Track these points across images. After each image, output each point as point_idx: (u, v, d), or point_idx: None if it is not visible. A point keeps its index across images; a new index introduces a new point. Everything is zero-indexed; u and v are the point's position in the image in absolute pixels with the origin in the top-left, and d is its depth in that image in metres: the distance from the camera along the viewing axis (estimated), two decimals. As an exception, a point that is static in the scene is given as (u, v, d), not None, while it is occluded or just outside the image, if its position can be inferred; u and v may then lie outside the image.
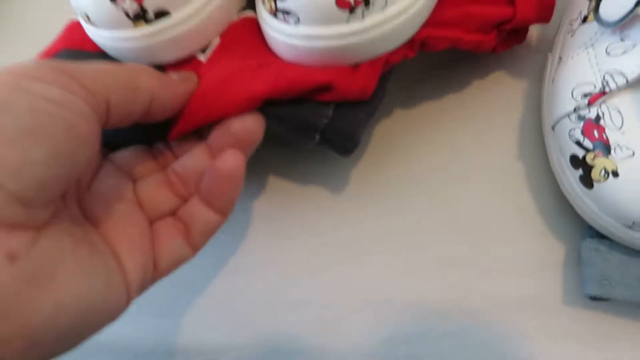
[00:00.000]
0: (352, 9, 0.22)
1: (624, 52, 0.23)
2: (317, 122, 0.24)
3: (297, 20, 0.22)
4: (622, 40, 0.23)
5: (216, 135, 0.24)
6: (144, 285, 0.22)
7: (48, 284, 0.17)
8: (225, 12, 0.26)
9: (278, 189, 0.31)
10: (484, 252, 0.28)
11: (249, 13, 0.26)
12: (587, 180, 0.24)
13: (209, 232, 0.24)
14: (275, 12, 0.23)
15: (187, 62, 0.26)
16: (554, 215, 0.28)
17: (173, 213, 0.24)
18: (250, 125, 0.23)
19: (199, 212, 0.23)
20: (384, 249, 0.29)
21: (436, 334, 0.27)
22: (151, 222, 0.24)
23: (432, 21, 0.25)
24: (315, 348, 0.28)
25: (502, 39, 0.27)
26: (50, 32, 0.29)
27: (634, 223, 0.23)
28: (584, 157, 0.24)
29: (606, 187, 0.23)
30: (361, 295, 0.29)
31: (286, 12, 0.23)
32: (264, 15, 0.24)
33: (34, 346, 0.16)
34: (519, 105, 0.30)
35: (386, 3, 0.22)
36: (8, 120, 0.16)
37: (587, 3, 0.25)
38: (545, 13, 0.27)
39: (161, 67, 0.26)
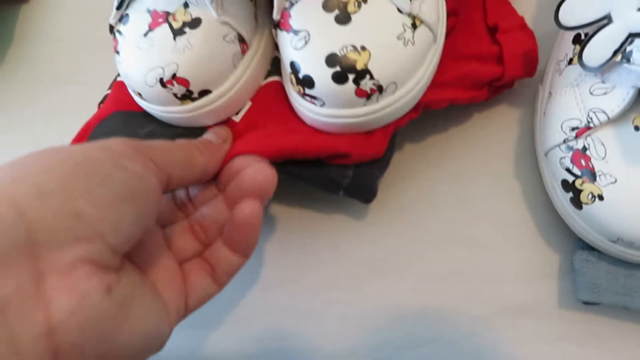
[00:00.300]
0: (368, 97, 0.26)
1: (605, 93, 0.27)
2: (341, 181, 0.28)
3: (323, 104, 0.26)
4: (603, 82, 0.27)
5: (232, 187, 0.27)
6: (178, 321, 0.25)
7: (128, 313, 0.21)
8: (255, 81, 0.30)
9: (304, 215, 0.34)
10: (486, 265, 0.32)
11: (275, 77, 0.30)
12: (576, 202, 0.28)
13: (233, 271, 0.27)
14: (303, 95, 0.27)
15: (223, 122, 0.29)
16: (549, 230, 0.32)
17: (197, 256, 0.27)
18: (264, 177, 0.26)
19: (223, 254, 0.26)
20: (398, 263, 0.33)
21: (445, 340, 0.31)
22: (180, 263, 0.27)
23: (432, 83, 0.28)
24: (333, 354, 0.32)
25: (492, 90, 0.31)
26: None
27: (618, 239, 0.27)
28: (574, 182, 0.28)
29: (593, 209, 0.27)
30: (376, 305, 0.32)
31: (313, 97, 0.26)
32: (292, 93, 0.28)
33: None
34: (515, 132, 0.34)
35: (396, 87, 0.26)
36: (110, 189, 0.20)
37: (572, 47, 0.29)
38: (530, 69, 0.31)
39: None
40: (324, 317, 0.33)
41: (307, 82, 0.26)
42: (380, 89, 0.26)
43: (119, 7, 0.29)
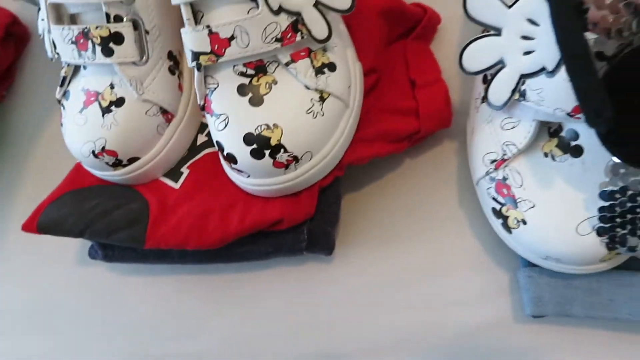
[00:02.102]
0: (286, 167, 0.29)
1: (513, 127, 0.30)
2: (300, 246, 0.32)
3: (248, 175, 0.30)
4: (510, 117, 0.30)
5: None
6: None
7: None
8: (184, 142, 0.34)
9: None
10: (445, 290, 0.35)
11: (210, 150, 0.33)
12: (506, 227, 0.30)
13: None
14: (231, 167, 0.30)
15: (163, 187, 0.33)
16: (496, 251, 0.34)
17: None
18: None
19: None
20: (362, 299, 0.35)
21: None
22: None
23: (354, 140, 0.31)
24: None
25: (413, 141, 0.34)
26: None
27: (547, 256, 0.29)
28: (500, 210, 0.30)
29: (520, 233, 0.30)
30: (342, 339, 0.35)
31: (239, 170, 0.30)
32: (224, 165, 0.31)
33: None
34: (454, 162, 0.37)
35: (312, 155, 0.29)
36: None
37: (482, 87, 0.32)
38: (445, 122, 0.34)
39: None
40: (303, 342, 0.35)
41: (231, 159, 0.29)
42: (295, 158, 0.29)
43: (62, 85, 0.34)
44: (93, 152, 0.31)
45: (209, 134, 0.34)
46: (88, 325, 0.38)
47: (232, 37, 0.28)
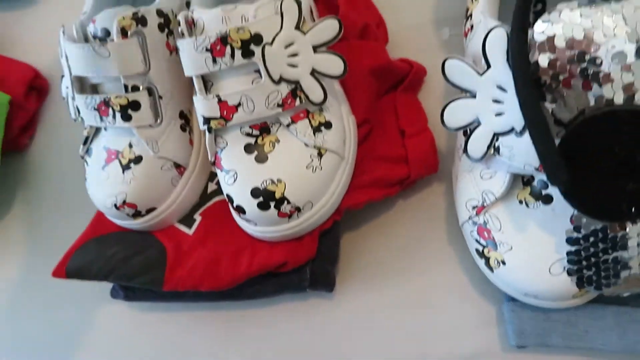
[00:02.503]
0: (290, 216, 0.32)
1: (491, 177, 0.33)
2: (303, 284, 0.35)
3: (255, 224, 0.33)
4: (488, 168, 0.33)
5: None
6: None
7: None
8: (195, 191, 0.37)
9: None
10: (436, 323, 0.38)
11: (220, 197, 0.37)
12: (489, 266, 0.34)
13: None
14: (240, 217, 0.34)
15: (178, 233, 0.36)
16: (483, 286, 0.37)
17: None
18: None
19: None
20: (366, 325, 0.38)
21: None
22: None
23: (350, 187, 0.35)
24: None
25: (404, 186, 0.37)
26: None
27: (526, 293, 0.33)
28: (483, 251, 0.34)
29: (500, 272, 0.33)
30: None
31: (247, 219, 0.33)
32: (234, 214, 0.35)
33: None
34: (443, 203, 0.40)
35: (312, 205, 0.33)
36: None
37: (463, 139, 0.35)
38: (432, 168, 0.37)
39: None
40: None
41: (240, 209, 0.33)
42: (298, 209, 0.32)
43: (84, 143, 0.38)
44: (115, 205, 0.34)
45: (218, 183, 0.37)
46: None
47: (239, 104, 0.32)
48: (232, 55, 0.31)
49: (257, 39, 0.31)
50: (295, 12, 0.31)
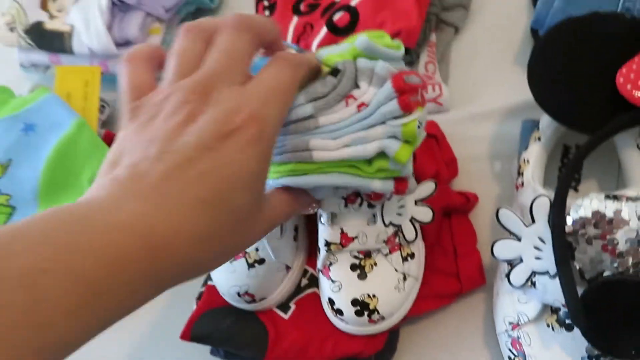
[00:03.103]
0: (376, 322, 0.42)
1: (526, 302, 0.42)
2: None
3: (347, 323, 0.43)
4: (525, 294, 0.42)
5: None
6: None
7: None
8: (292, 287, 0.47)
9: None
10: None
11: (312, 289, 0.47)
12: (518, 373, 0.42)
13: None
14: (335, 315, 0.44)
15: (275, 316, 0.46)
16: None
17: None
18: None
19: None
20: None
21: None
22: None
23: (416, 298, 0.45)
24: None
25: (455, 297, 0.47)
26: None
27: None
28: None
29: (528, 379, 0.42)
30: None
31: (342, 320, 0.43)
32: (328, 311, 0.44)
33: None
34: (483, 309, 0.49)
35: (393, 314, 0.42)
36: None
37: (508, 267, 0.45)
38: (480, 282, 0.47)
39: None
40: None
41: (339, 312, 0.43)
42: (383, 317, 0.42)
43: None
44: (238, 293, 0.44)
45: (309, 278, 0.47)
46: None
47: (355, 237, 0.42)
48: (360, 204, 0.41)
49: None
50: None
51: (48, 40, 0.64)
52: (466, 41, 0.61)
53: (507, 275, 0.42)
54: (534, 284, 0.41)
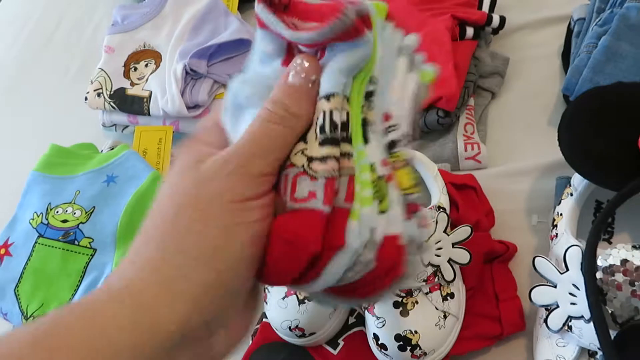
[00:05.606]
0: (418, 357, 0.46)
1: (564, 346, 0.45)
2: None
3: (391, 358, 0.47)
4: (562, 338, 0.46)
5: None
6: None
7: None
8: (340, 324, 0.51)
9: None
10: None
11: (359, 328, 0.51)
12: (558, 413, 0.45)
13: None
14: (380, 351, 0.48)
15: (325, 352, 0.50)
16: None
17: None
18: None
19: None
20: None
21: None
22: None
23: (457, 339, 0.48)
24: None
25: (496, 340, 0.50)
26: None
27: None
28: (555, 400, 0.45)
29: (567, 419, 0.44)
30: None
31: (386, 355, 0.47)
32: (373, 347, 0.49)
33: None
34: (523, 353, 0.52)
35: (434, 351, 0.46)
36: None
37: (545, 312, 0.48)
38: (520, 327, 0.50)
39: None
40: None
41: (383, 347, 0.47)
42: (425, 353, 0.46)
43: None
44: (289, 327, 0.49)
45: (356, 317, 0.52)
46: None
47: None
48: None
49: None
50: (444, 222, 0.47)
51: (129, 103, 0.73)
52: (503, 105, 0.67)
53: (545, 320, 0.46)
54: (570, 328, 0.44)
